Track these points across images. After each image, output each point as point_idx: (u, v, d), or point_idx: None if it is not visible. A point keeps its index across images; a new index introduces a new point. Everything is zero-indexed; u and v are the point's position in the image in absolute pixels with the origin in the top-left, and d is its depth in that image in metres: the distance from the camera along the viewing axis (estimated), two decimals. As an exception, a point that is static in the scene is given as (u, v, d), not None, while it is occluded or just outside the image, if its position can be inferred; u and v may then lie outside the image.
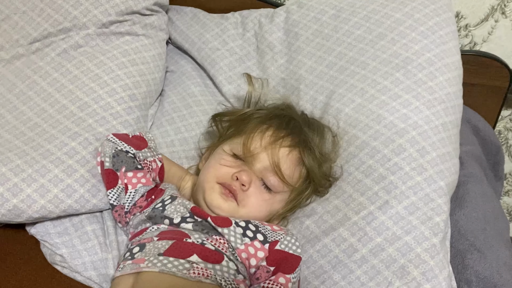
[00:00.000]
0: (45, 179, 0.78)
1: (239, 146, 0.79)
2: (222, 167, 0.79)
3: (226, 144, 0.83)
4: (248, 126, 0.82)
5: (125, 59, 0.93)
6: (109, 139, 0.80)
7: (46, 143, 0.82)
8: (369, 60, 0.91)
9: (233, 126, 0.86)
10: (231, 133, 0.85)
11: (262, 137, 0.79)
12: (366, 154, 0.83)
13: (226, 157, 0.80)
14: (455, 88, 0.89)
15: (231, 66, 1.04)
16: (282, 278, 0.71)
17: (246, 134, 0.80)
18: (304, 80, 0.96)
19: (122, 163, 0.78)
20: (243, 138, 0.79)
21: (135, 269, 0.66)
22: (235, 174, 0.77)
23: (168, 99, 1.02)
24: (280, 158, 0.78)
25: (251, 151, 0.78)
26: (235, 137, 0.82)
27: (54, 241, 0.81)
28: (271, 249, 0.73)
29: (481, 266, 0.80)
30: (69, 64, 0.91)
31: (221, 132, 0.88)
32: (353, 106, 0.88)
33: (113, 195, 0.78)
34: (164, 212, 0.75)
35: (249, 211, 0.78)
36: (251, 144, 0.78)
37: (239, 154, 0.79)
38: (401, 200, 0.77)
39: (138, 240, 0.73)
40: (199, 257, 0.67)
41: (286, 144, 0.79)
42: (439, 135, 0.82)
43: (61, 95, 0.88)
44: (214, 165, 0.80)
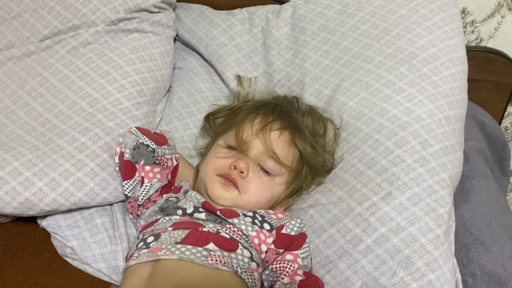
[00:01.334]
0: (56, 173, 0.80)
1: (232, 137, 0.82)
2: (219, 160, 0.82)
3: (220, 139, 0.86)
4: (238, 118, 0.85)
5: (134, 56, 0.95)
6: (132, 131, 0.83)
7: (57, 138, 0.84)
8: (374, 55, 0.92)
9: (224, 121, 0.89)
10: (223, 128, 0.88)
11: (252, 125, 0.82)
12: (369, 146, 0.84)
13: (222, 149, 0.83)
14: (459, 82, 0.90)
15: (238, 62, 1.05)
16: (289, 255, 0.73)
17: (237, 125, 0.83)
18: (310, 73, 0.97)
19: (141, 156, 0.81)
20: (235, 130, 0.82)
21: (153, 257, 0.68)
22: (232, 163, 0.80)
23: (176, 95, 1.04)
24: (272, 141, 0.81)
25: (243, 140, 0.81)
26: (228, 131, 0.85)
27: (64, 234, 0.84)
28: (278, 233, 0.76)
29: (486, 260, 0.81)
30: (79, 61, 0.93)
31: (215, 130, 0.92)
32: (357, 100, 0.89)
33: (128, 186, 0.81)
34: (178, 203, 0.77)
35: (251, 197, 0.80)
36: (242, 133, 0.81)
37: (233, 144, 0.82)
38: (404, 191, 0.78)
39: (151, 230, 0.75)
40: (215, 245, 0.69)
41: (275, 127, 0.82)
42: (442, 129, 0.83)
43: (71, 91, 0.90)
44: (211, 159, 0.83)
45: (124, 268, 0.72)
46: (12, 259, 0.81)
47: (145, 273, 0.67)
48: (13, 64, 0.94)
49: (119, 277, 0.82)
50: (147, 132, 0.84)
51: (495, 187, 0.98)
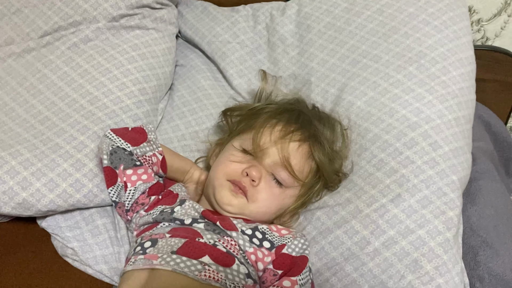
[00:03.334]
0: (54, 173, 0.78)
1: (248, 141, 0.78)
2: (232, 163, 0.78)
3: (236, 140, 0.82)
4: (258, 121, 0.80)
5: (135, 53, 0.93)
6: (107, 135, 0.78)
7: (55, 137, 0.82)
8: (382, 54, 0.90)
9: (243, 121, 0.85)
10: (241, 128, 0.83)
11: (271, 132, 0.78)
12: (377, 147, 0.82)
13: (236, 152, 0.79)
14: (468, 83, 0.88)
15: (242, 59, 1.03)
16: (287, 281, 0.70)
17: (255, 129, 0.79)
18: (316, 72, 0.95)
19: (120, 160, 0.76)
20: (253, 133, 0.78)
21: (148, 265, 0.66)
22: (245, 170, 0.76)
23: (178, 93, 1.02)
24: (290, 152, 0.77)
25: (260, 146, 0.77)
26: (245, 133, 0.81)
27: (65, 235, 0.82)
28: (278, 252, 0.73)
29: (494, 263, 0.79)
30: (79, 58, 0.91)
31: (231, 127, 0.87)
32: (366, 99, 0.87)
33: (114, 193, 0.77)
34: (173, 215, 0.74)
35: (259, 206, 0.77)
36: (260, 139, 0.77)
37: (249, 149, 0.78)
38: (414, 194, 0.76)
39: (149, 235, 0.73)
40: (211, 259, 0.67)
41: (296, 138, 0.78)
42: (451, 130, 0.82)
43: (71, 89, 0.88)
44: (224, 162, 0.79)
45: (121, 272, 0.71)
46: (11, 260, 0.79)
47: (141, 280, 0.65)
48: (13, 61, 0.92)
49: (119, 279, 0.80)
50: (123, 132, 0.79)
51: (502, 188, 0.97)
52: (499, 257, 0.80)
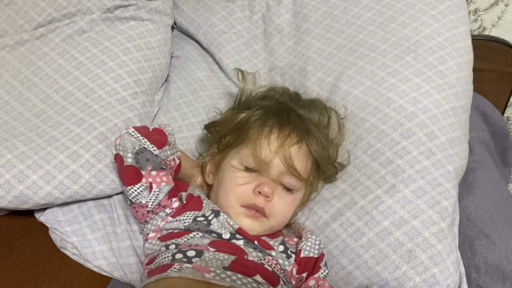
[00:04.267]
0: (50, 166, 0.77)
1: (248, 158, 0.75)
2: (241, 187, 0.75)
3: (233, 159, 0.77)
4: (250, 133, 0.77)
5: (130, 45, 0.91)
6: (130, 133, 0.75)
7: (51, 130, 0.81)
8: (378, 43, 0.89)
9: (230, 133, 0.80)
10: (230, 142, 0.79)
11: (269, 142, 0.75)
12: (374, 137, 0.81)
13: (239, 173, 0.76)
14: (465, 73, 0.87)
15: (238, 49, 1.02)
16: (312, 281, 0.72)
17: (251, 143, 0.76)
18: (312, 61, 0.94)
19: (147, 161, 0.73)
20: (251, 149, 0.75)
21: (199, 277, 0.63)
22: (257, 189, 0.73)
23: (174, 85, 1.01)
24: (293, 157, 0.75)
25: (263, 160, 0.74)
26: (240, 148, 0.77)
27: (64, 230, 0.82)
28: (298, 259, 0.73)
29: (490, 253, 0.79)
30: (74, 50, 0.89)
31: (218, 142, 0.82)
32: (362, 89, 0.86)
33: (133, 192, 0.73)
34: (209, 227, 0.72)
35: (279, 219, 0.76)
36: (261, 153, 0.74)
37: (252, 166, 0.75)
38: (408, 184, 0.76)
39: (187, 244, 0.70)
40: (262, 278, 0.67)
41: (293, 142, 0.76)
42: (449, 120, 0.81)
43: (67, 81, 0.87)
44: (231, 188, 0.76)
45: (154, 275, 0.66)
46: (8, 254, 0.79)
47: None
48: (6, 53, 0.90)
49: (120, 274, 0.80)
50: (147, 133, 0.76)
51: (499, 178, 0.96)
52: (495, 247, 0.80)
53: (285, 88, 0.88)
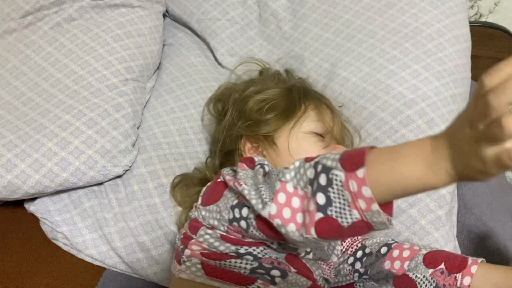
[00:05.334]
0: (39, 154, 0.75)
1: (315, 124, 0.75)
2: (323, 150, 0.73)
3: (302, 127, 0.74)
4: (302, 102, 0.76)
5: (121, 31, 0.89)
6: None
7: (39, 117, 0.78)
8: (377, 29, 0.87)
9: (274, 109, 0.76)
10: (290, 112, 0.75)
11: (325, 113, 0.77)
12: (373, 125, 0.79)
13: (314, 139, 0.74)
14: (464, 60, 0.85)
15: (232, 37, 0.99)
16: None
17: (316, 113, 0.76)
18: (310, 47, 0.92)
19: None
20: (317, 117, 0.75)
21: None
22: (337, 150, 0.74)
23: (166, 71, 0.98)
24: (342, 125, 0.80)
25: (330, 126, 0.76)
26: (302, 118, 0.75)
27: (54, 219, 0.80)
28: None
29: (487, 241, 0.78)
30: (63, 38, 0.87)
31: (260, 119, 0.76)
32: (361, 76, 0.84)
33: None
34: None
35: None
36: (326, 120, 0.76)
37: (321, 132, 0.75)
38: None
39: (265, 257, 0.60)
40: None
41: (335, 113, 0.80)
42: (448, 107, 0.79)
43: (55, 69, 0.84)
44: (315, 151, 0.72)
45: (222, 279, 0.58)
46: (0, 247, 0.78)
47: None
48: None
49: (113, 261, 0.78)
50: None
51: (496, 166, 0.95)
52: (493, 234, 0.79)
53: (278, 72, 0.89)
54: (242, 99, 0.79)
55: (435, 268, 0.64)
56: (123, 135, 0.81)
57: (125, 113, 0.82)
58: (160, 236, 0.77)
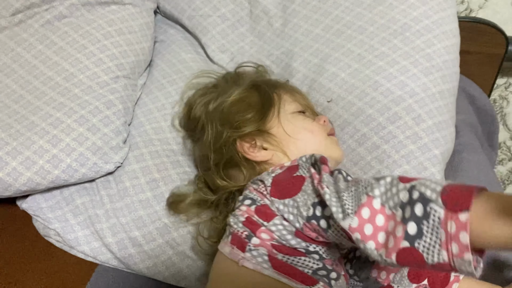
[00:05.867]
0: (30, 151, 0.75)
1: (295, 104, 0.77)
2: (314, 122, 0.75)
3: (287, 110, 0.75)
4: (277, 92, 0.77)
5: (111, 29, 0.88)
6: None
7: (30, 115, 0.78)
8: (366, 25, 0.87)
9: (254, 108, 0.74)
10: (270, 104, 0.75)
11: (292, 93, 0.80)
12: (361, 121, 0.79)
13: (300, 115, 0.76)
14: (452, 56, 0.85)
15: (223, 33, 0.98)
16: None
17: (291, 94, 0.79)
18: (300, 43, 0.91)
19: None
20: (295, 97, 0.78)
21: None
22: (325, 120, 0.78)
23: (157, 68, 0.97)
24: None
25: (304, 102, 0.80)
26: (282, 104, 0.75)
27: (46, 216, 0.79)
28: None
29: None
30: (54, 36, 0.86)
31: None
32: (350, 72, 0.84)
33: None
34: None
35: None
36: (297, 99, 0.79)
37: (302, 109, 0.77)
38: (393, 170, 0.74)
39: (328, 257, 0.60)
40: None
41: (293, 87, 0.85)
42: (436, 103, 0.79)
43: (46, 66, 0.84)
44: (312, 126, 0.74)
45: (288, 274, 0.56)
46: (-8, 243, 0.77)
47: None
48: (-16, 40, 0.87)
49: (106, 257, 0.78)
50: None
51: (485, 161, 0.95)
52: None
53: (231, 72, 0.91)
54: (215, 108, 0.76)
55: (418, 283, 0.64)
56: (114, 132, 0.81)
57: (116, 110, 0.82)
58: (152, 231, 0.77)
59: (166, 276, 0.76)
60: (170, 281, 0.76)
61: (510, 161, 1.44)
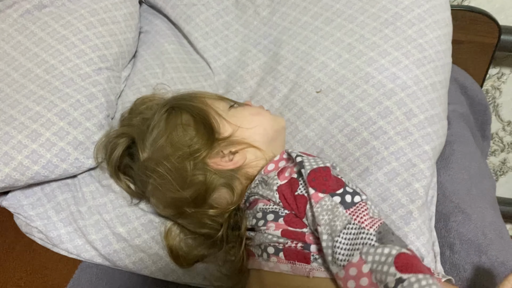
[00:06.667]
0: (8, 146, 0.71)
1: (222, 102, 0.75)
2: (248, 106, 0.76)
3: (223, 110, 0.72)
4: (196, 104, 0.71)
5: (94, 19, 0.84)
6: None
7: (8, 109, 0.74)
8: (356, 14, 0.83)
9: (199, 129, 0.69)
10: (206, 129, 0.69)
11: (208, 96, 0.76)
12: (351, 115, 0.76)
13: (238, 107, 0.76)
14: (444, 46, 0.82)
15: (207, 21, 0.94)
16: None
17: (206, 100, 0.72)
18: (288, 31, 0.88)
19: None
20: (212, 100, 0.74)
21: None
22: (248, 102, 0.79)
23: (141, 59, 0.94)
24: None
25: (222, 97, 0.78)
26: (211, 116, 0.70)
27: (28, 214, 0.77)
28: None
29: (465, 228, 0.76)
30: (34, 26, 0.82)
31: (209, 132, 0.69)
32: (340, 62, 0.80)
33: None
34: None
35: None
36: (216, 96, 0.77)
37: (229, 103, 0.76)
38: (382, 167, 0.71)
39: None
40: None
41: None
42: (428, 96, 0.76)
43: (26, 58, 0.80)
44: (252, 110, 0.75)
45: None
46: (-28, 242, 0.74)
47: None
48: (-39, 30, 0.83)
49: (90, 255, 0.76)
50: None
51: (476, 152, 0.93)
52: (471, 221, 0.76)
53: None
54: (154, 151, 0.68)
55: None
56: (96, 126, 0.77)
57: (99, 103, 0.79)
58: (137, 227, 0.75)
59: (153, 271, 0.73)
60: (158, 275, 0.74)
61: (503, 152, 1.43)
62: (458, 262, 0.73)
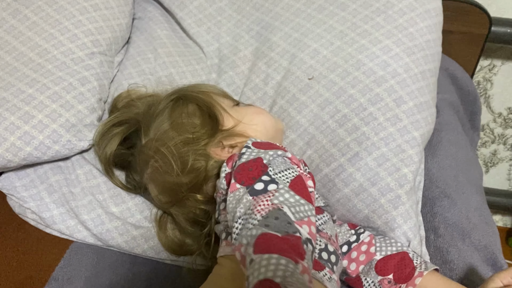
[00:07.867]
0: (1, 128, 0.71)
1: (227, 99, 0.77)
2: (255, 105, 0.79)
3: (231, 108, 0.73)
4: (203, 97, 0.73)
5: (87, 4, 0.83)
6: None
7: (1, 91, 0.73)
8: (348, 2, 0.82)
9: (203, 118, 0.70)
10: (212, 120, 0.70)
11: (214, 91, 0.78)
12: (342, 102, 0.76)
13: (241, 105, 0.79)
14: (435, 35, 0.82)
15: (201, 8, 0.93)
16: None
17: (212, 95, 0.74)
18: (280, 17, 0.87)
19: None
20: (218, 96, 0.76)
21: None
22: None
23: (134, 44, 0.93)
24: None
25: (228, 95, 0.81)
26: (216, 109, 0.71)
27: (21, 195, 0.76)
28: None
29: (450, 213, 0.77)
30: (27, 10, 0.81)
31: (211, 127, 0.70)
32: (332, 49, 0.80)
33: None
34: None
35: None
36: (223, 94, 0.79)
37: (235, 103, 0.78)
38: (371, 152, 0.72)
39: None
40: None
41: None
42: (417, 84, 0.76)
43: (19, 42, 0.79)
44: (255, 108, 0.78)
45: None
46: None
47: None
48: (-46, 13, 0.82)
49: (82, 235, 0.76)
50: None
51: (464, 140, 0.94)
52: (456, 206, 0.77)
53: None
54: (159, 136, 0.68)
55: (384, 276, 0.66)
56: (88, 109, 0.77)
57: (91, 87, 0.78)
58: (131, 207, 0.75)
59: (145, 249, 0.74)
60: (150, 254, 0.74)
61: (494, 143, 1.44)
62: (442, 245, 0.73)
